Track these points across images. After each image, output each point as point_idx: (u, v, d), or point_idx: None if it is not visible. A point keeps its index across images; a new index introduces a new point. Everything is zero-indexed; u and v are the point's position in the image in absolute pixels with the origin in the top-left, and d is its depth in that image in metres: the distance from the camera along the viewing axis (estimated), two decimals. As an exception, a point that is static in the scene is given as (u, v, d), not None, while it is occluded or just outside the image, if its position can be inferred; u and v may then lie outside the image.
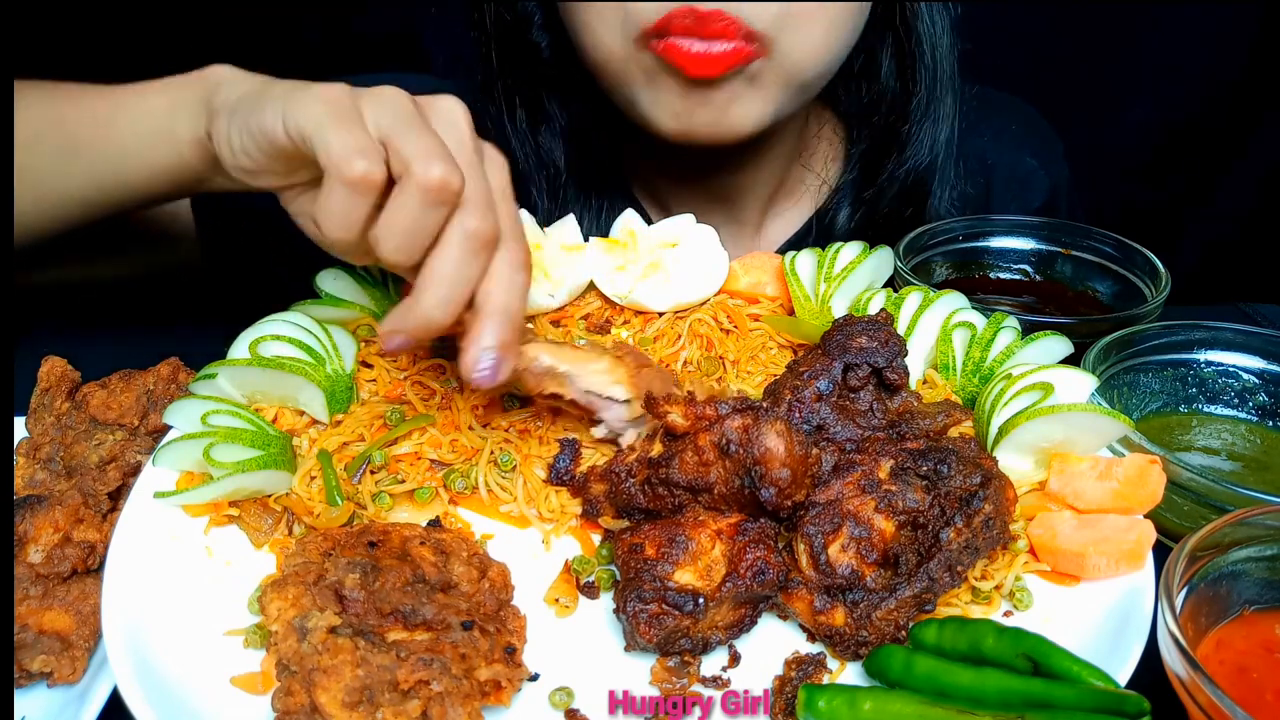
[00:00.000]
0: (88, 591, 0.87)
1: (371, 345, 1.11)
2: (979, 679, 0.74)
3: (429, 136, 0.85)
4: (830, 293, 1.17)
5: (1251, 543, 0.84)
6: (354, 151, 0.82)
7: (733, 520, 0.86)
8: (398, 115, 0.85)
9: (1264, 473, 1.09)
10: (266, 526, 0.94)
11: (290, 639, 0.76)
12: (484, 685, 0.76)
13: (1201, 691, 0.69)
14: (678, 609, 0.80)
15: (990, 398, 1.01)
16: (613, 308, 1.22)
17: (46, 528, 0.88)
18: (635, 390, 0.98)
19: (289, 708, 0.72)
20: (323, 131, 0.83)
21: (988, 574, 0.89)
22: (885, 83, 1.42)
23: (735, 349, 1.16)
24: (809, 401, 0.96)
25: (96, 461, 0.99)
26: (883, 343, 0.99)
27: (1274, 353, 1.14)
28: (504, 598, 0.87)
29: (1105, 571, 0.88)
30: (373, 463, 0.99)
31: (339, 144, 0.82)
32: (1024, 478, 0.98)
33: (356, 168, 0.82)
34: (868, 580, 0.84)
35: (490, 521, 0.98)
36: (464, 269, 0.86)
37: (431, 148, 0.84)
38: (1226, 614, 0.83)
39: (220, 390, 1.00)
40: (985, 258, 1.41)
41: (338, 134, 0.83)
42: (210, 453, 0.91)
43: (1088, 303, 1.36)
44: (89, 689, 0.82)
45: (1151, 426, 1.15)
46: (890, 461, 0.89)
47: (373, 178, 0.82)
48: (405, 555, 0.86)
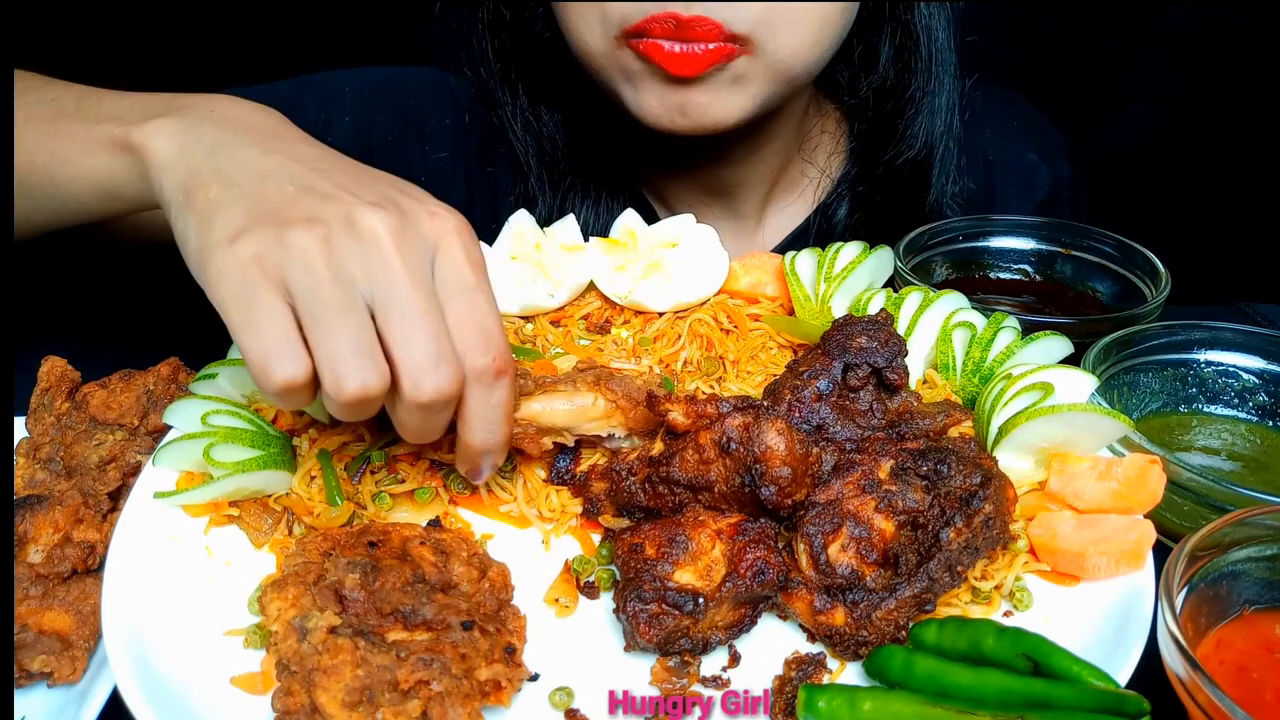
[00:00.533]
0: (88, 591, 0.87)
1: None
2: (979, 679, 0.74)
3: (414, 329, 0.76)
4: (830, 293, 1.17)
5: (1251, 543, 0.84)
6: (260, 359, 0.74)
7: (733, 520, 0.86)
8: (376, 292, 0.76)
9: (1264, 473, 1.09)
10: (266, 526, 0.94)
11: (290, 639, 0.76)
12: (484, 685, 0.76)
13: (1201, 691, 0.69)
14: (678, 609, 0.80)
15: (990, 398, 1.01)
16: (613, 308, 1.22)
17: (46, 528, 0.88)
18: (630, 425, 0.98)
19: (289, 708, 0.72)
20: (232, 328, 0.75)
21: (988, 574, 0.89)
22: (884, 73, 1.42)
23: (735, 349, 1.16)
24: (809, 401, 0.96)
25: (96, 461, 0.99)
26: (883, 343, 0.99)
27: (1274, 353, 1.14)
28: (504, 598, 0.87)
29: (1105, 571, 0.88)
30: (373, 463, 0.99)
31: (246, 347, 0.75)
32: (1024, 478, 0.98)
33: (269, 378, 0.74)
34: (868, 580, 0.84)
35: (490, 521, 0.98)
36: (491, 416, 0.84)
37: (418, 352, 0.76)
38: (1226, 614, 0.83)
39: (220, 390, 1.00)
40: (985, 258, 1.41)
41: (245, 337, 0.74)
42: (210, 453, 0.91)
43: (1088, 303, 1.36)
44: (89, 689, 0.82)
45: (1151, 426, 1.15)
46: (890, 461, 0.89)
47: (295, 383, 0.75)
48: (405, 555, 0.86)
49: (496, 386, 0.82)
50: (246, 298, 0.74)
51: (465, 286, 0.80)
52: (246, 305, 0.74)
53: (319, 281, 0.74)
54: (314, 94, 1.48)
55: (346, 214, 0.77)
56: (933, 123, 1.41)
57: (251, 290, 0.74)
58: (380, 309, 0.77)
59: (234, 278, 0.74)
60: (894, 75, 1.41)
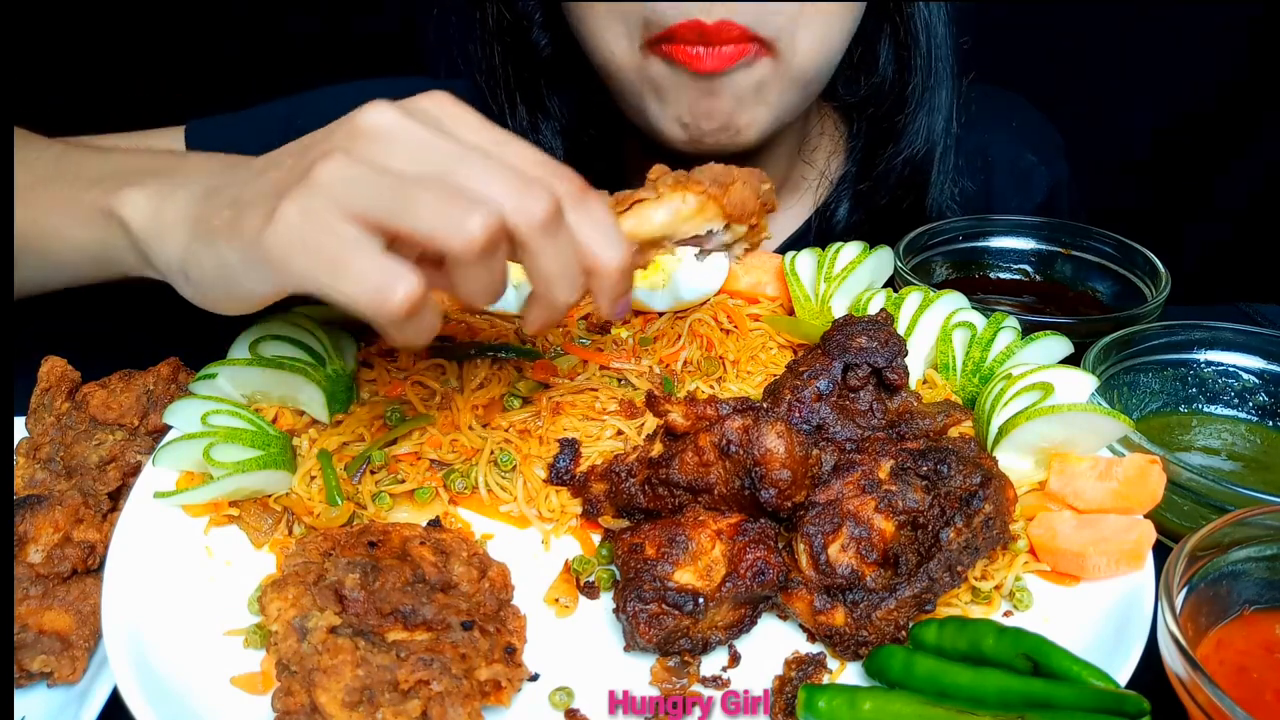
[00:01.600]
0: (88, 591, 0.87)
1: (371, 345, 1.12)
2: (979, 679, 0.74)
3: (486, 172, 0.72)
4: (830, 293, 1.17)
5: (1251, 543, 0.84)
6: (373, 292, 0.69)
7: (733, 520, 0.86)
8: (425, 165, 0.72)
9: (1264, 473, 1.09)
10: (266, 526, 0.94)
11: (290, 639, 0.76)
12: (484, 685, 0.76)
13: (1201, 691, 0.69)
14: (678, 609, 0.80)
15: (990, 398, 1.01)
16: (613, 308, 1.22)
17: (46, 528, 0.88)
18: (728, 213, 0.91)
19: (289, 708, 0.72)
20: (327, 287, 0.71)
21: (988, 574, 0.89)
22: (883, 73, 1.42)
23: (735, 349, 1.16)
24: (809, 401, 0.96)
25: (96, 461, 0.99)
26: (883, 343, 0.99)
27: (1274, 353, 1.14)
28: (504, 598, 0.87)
29: (1105, 571, 0.88)
30: (373, 463, 0.99)
31: (354, 292, 0.70)
32: (1024, 478, 0.98)
33: (391, 305, 0.69)
34: (868, 580, 0.84)
35: (490, 521, 0.98)
36: (556, 258, 0.76)
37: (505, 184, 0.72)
38: (1226, 614, 0.83)
39: (220, 390, 1.00)
40: (985, 258, 1.41)
41: (345, 283, 0.70)
42: (210, 453, 0.91)
43: (1088, 303, 1.36)
44: (89, 689, 0.82)
45: (1151, 426, 1.15)
46: (890, 461, 0.89)
47: (413, 298, 0.70)
48: (405, 555, 0.86)
49: (592, 202, 0.78)
50: (318, 250, 0.70)
51: (498, 140, 0.77)
52: (323, 256, 0.70)
53: (370, 181, 0.71)
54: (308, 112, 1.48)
55: (349, 131, 0.74)
56: (933, 119, 1.42)
57: (318, 237, 0.70)
58: (440, 179, 0.72)
59: (295, 240, 0.70)
60: (893, 73, 1.42)
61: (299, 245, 0.71)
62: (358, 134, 0.73)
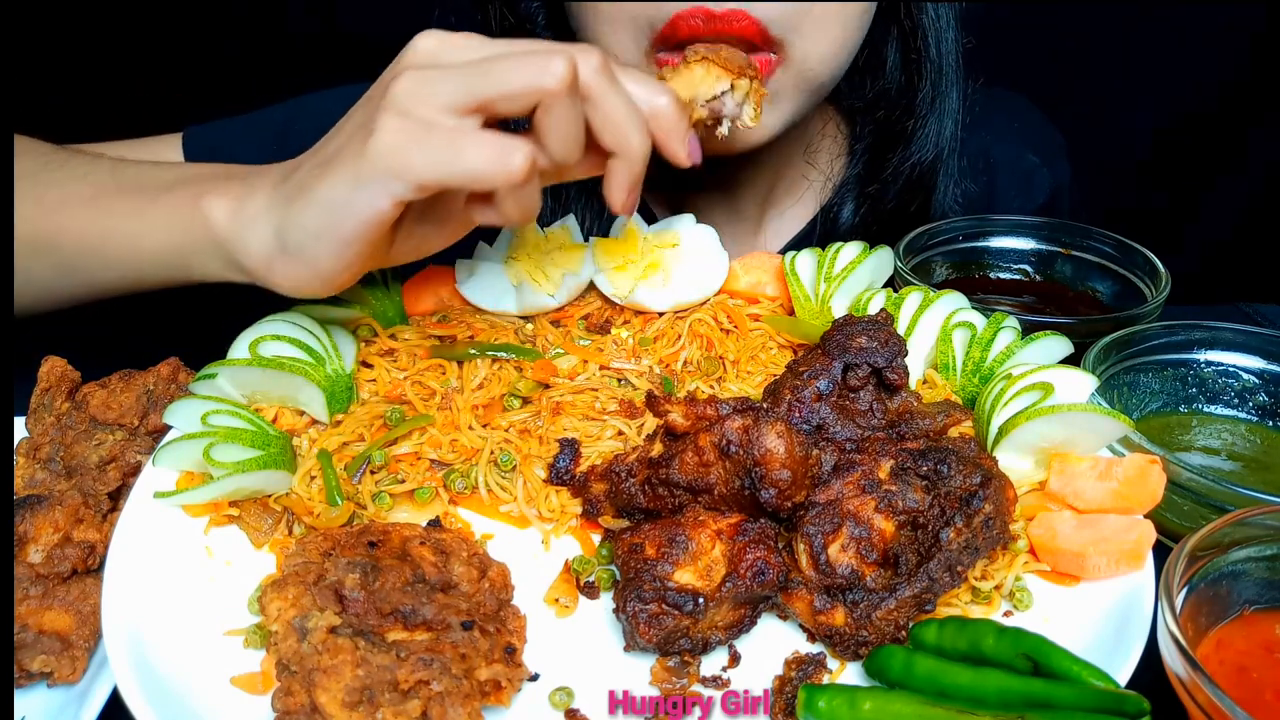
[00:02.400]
0: (88, 591, 0.87)
1: (371, 345, 1.12)
2: (979, 679, 0.74)
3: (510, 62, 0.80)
4: (830, 293, 1.17)
5: (1251, 543, 0.84)
6: (495, 161, 0.78)
7: (733, 520, 0.86)
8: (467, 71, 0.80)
9: (1264, 473, 1.09)
10: (266, 526, 0.94)
11: (290, 639, 0.76)
12: (484, 685, 0.76)
13: (1201, 691, 0.69)
14: (678, 609, 0.80)
15: (990, 398, 1.01)
16: (613, 308, 1.22)
17: (46, 528, 0.88)
18: (726, 67, 1.02)
19: (289, 708, 0.72)
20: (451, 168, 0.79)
21: (988, 574, 0.89)
22: (890, 77, 1.42)
23: (735, 349, 1.16)
24: (809, 401, 0.96)
25: (96, 461, 0.99)
26: (883, 343, 0.99)
27: (1274, 353, 1.14)
28: (504, 598, 0.87)
29: (1105, 571, 0.88)
30: (373, 463, 0.99)
31: (479, 164, 0.78)
32: (1024, 478, 0.98)
33: (514, 168, 0.78)
34: (868, 580, 0.84)
35: (490, 521, 0.98)
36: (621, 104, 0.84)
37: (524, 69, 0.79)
38: (1226, 614, 0.83)
39: (220, 390, 1.00)
40: (985, 258, 1.41)
41: (467, 160, 0.78)
42: (210, 453, 0.91)
43: (1088, 303, 1.36)
44: (89, 689, 0.82)
45: (1151, 426, 1.15)
46: (890, 461, 0.89)
47: (531, 159, 0.79)
48: (405, 555, 0.86)
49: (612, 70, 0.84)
50: (429, 142, 0.78)
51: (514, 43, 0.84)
52: (436, 144, 0.78)
53: (447, 75, 0.79)
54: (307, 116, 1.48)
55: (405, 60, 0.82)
56: (942, 124, 1.41)
57: (424, 133, 0.78)
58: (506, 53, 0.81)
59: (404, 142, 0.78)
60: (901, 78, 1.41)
61: (410, 144, 0.78)
62: (413, 56, 0.82)
